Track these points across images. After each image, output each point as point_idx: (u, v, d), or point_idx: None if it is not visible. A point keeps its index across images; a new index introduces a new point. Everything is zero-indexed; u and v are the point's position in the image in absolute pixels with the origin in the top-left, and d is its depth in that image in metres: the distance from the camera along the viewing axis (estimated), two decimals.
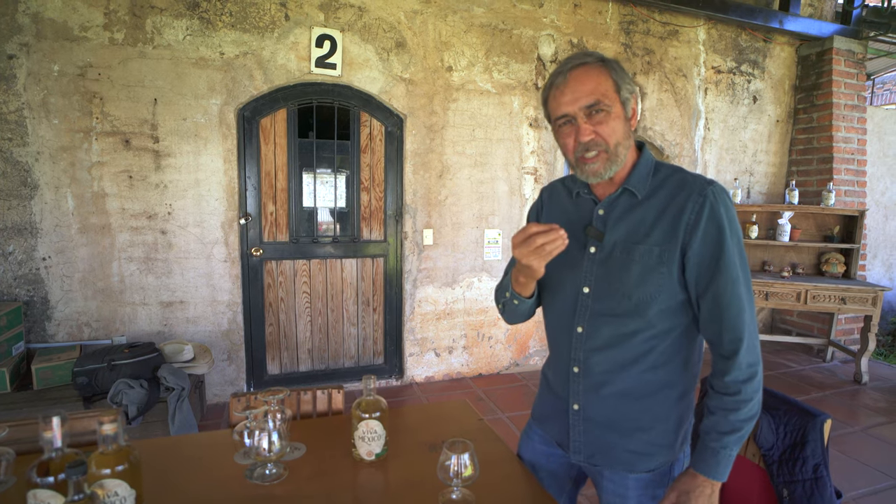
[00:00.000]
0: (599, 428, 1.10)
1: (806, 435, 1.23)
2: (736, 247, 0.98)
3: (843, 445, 2.91)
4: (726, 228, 0.97)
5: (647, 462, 1.08)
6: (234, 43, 3.04)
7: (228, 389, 3.28)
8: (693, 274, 0.99)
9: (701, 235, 0.97)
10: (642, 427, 1.07)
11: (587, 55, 1.01)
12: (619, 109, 1.00)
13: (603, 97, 0.98)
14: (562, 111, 1.01)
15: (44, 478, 0.87)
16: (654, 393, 1.06)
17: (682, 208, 0.99)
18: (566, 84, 1.00)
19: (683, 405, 1.09)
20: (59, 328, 2.92)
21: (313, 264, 3.46)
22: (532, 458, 1.26)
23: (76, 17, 2.77)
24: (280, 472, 1.14)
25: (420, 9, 3.42)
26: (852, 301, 3.82)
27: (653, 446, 1.08)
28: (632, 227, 1.04)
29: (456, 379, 3.83)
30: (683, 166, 0.97)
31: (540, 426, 1.25)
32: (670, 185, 1.03)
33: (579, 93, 0.98)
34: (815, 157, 4.55)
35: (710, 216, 0.97)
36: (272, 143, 3.27)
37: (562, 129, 1.03)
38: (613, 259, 1.04)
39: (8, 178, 2.76)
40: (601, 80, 0.98)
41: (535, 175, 3.89)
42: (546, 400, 1.23)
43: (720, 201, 0.98)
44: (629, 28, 3.99)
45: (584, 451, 1.13)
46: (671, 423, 1.08)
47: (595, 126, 0.99)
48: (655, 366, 1.04)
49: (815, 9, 4.62)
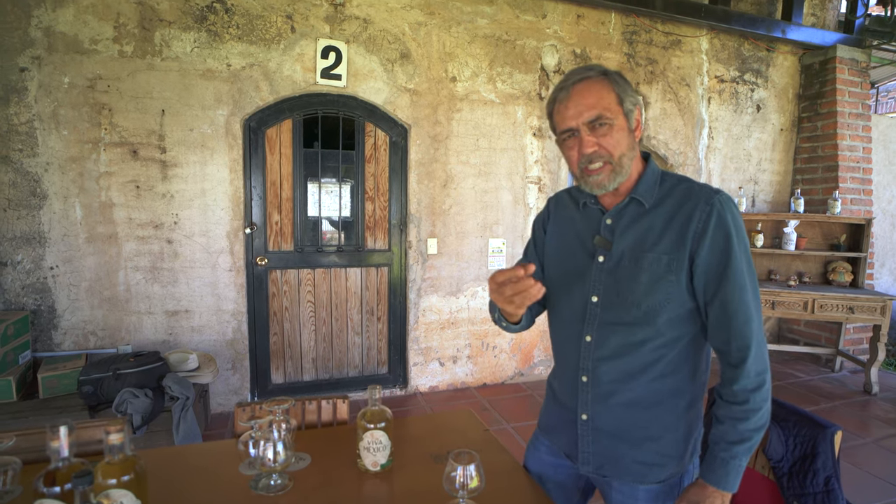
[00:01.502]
0: (608, 438, 1.09)
1: (816, 447, 1.22)
2: (743, 255, 0.98)
3: (854, 457, 2.86)
4: (733, 236, 0.97)
5: (657, 473, 1.07)
6: (240, 55, 3.08)
7: (232, 399, 3.28)
8: (701, 281, 0.99)
9: (708, 243, 0.97)
10: (651, 437, 1.06)
11: (589, 69, 1.02)
12: (622, 121, 1.01)
13: (605, 110, 0.99)
14: (565, 125, 1.02)
15: (50, 487, 0.88)
16: (662, 402, 1.05)
17: (689, 217, 0.99)
18: (569, 99, 1.01)
19: (692, 415, 1.08)
20: (66, 337, 2.93)
21: (318, 273, 3.46)
22: (539, 470, 1.25)
23: (87, 30, 2.81)
24: (285, 482, 1.13)
25: (424, 20, 3.45)
26: (860, 310, 3.78)
27: (662, 457, 1.07)
28: (640, 236, 1.04)
29: (460, 389, 3.81)
30: (687, 175, 0.97)
31: (547, 437, 1.24)
32: (677, 194, 1.04)
33: (582, 107, 0.99)
34: (820, 166, 4.54)
35: (718, 224, 0.97)
36: (277, 153, 3.29)
37: (566, 143, 1.05)
38: (622, 268, 1.04)
39: (18, 188, 2.79)
40: (603, 94, 0.99)
41: (539, 184, 3.90)
42: (553, 410, 1.22)
43: (727, 210, 0.98)
44: (632, 38, 4.02)
45: (593, 461, 1.12)
46: (680, 433, 1.07)
47: (598, 139, 1.00)
48: (664, 375, 1.04)
49: (818, 18, 4.64)
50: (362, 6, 3.29)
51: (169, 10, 2.93)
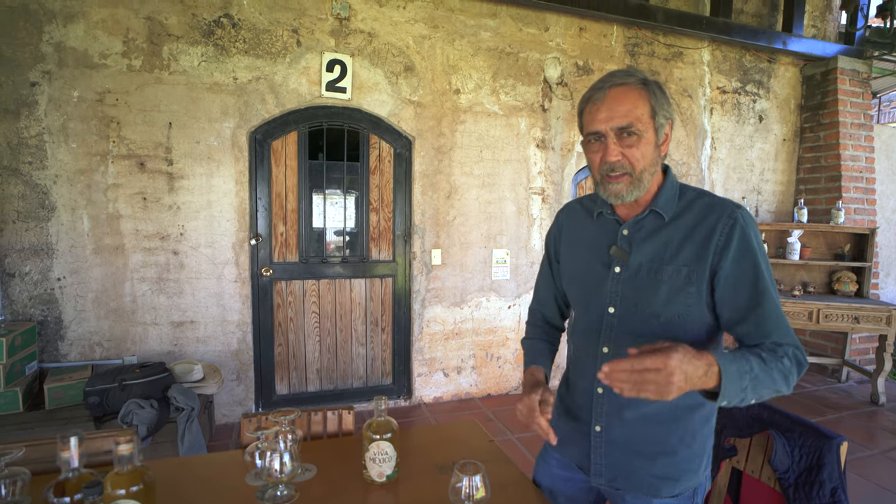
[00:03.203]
0: (622, 451, 1.09)
1: (822, 458, 1.21)
2: (767, 272, 0.98)
3: (861, 469, 2.84)
4: (757, 252, 0.97)
5: (671, 487, 1.06)
6: (247, 68, 3.12)
7: (237, 410, 3.28)
8: (726, 296, 0.98)
9: (732, 257, 0.97)
10: (666, 451, 1.06)
11: (629, 75, 1.00)
12: (651, 135, 0.99)
13: (637, 121, 0.97)
14: (594, 128, 1.00)
15: (60, 498, 0.88)
16: (678, 417, 1.05)
17: (711, 230, 0.99)
18: (603, 101, 0.99)
19: (707, 430, 1.08)
20: (72, 348, 2.95)
21: (322, 284, 3.48)
22: (550, 483, 1.24)
23: (97, 45, 2.87)
24: (291, 493, 1.14)
25: (428, 34, 3.50)
26: (866, 320, 3.76)
27: (677, 471, 1.06)
28: (658, 248, 1.03)
29: (465, 399, 3.80)
30: (690, 185, 0.98)
31: (558, 450, 1.23)
32: (698, 207, 1.03)
33: (615, 112, 0.97)
34: (823, 176, 4.55)
35: (741, 238, 0.97)
36: (283, 164, 3.33)
37: (591, 145, 1.03)
38: (640, 279, 1.04)
39: (27, 200, 2.83)
40: (639, 104, 0.97)
41: (543, 195, 3.91)
42: (565, 423, 1.21)
43: (749, 226, 0.98)
44: (634, 50, 4.06)
45: (606, 473, 1.11)
46: (695, 448, 1.06)
47: (624, 148, 0.98)
48: None
49: (819, 30, 4.68)
50: (367, 20, 3.34)
51: (177, 24, 2.99)
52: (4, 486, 0.95)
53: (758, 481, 1.35)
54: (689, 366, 0.81)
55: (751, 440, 1.37)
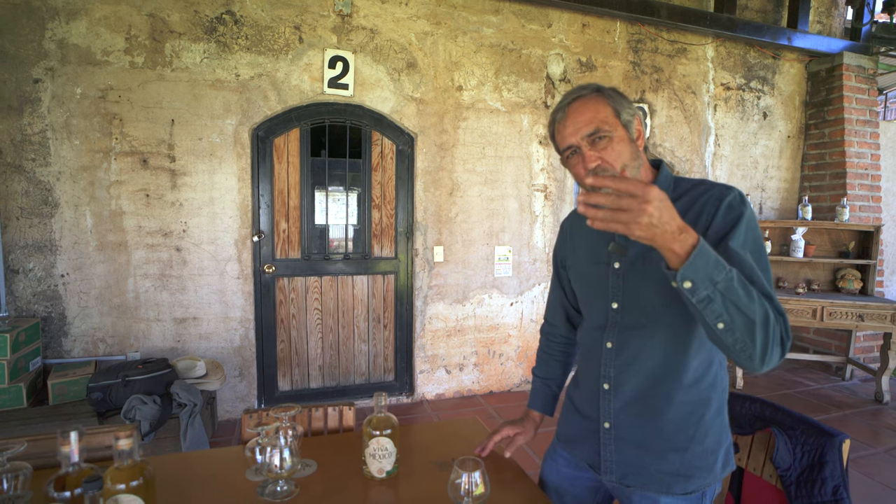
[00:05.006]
0: (631, 447, 1.08)
1: (824, 455, 1.21)
2: (752, 231, 0.94)
3: (865, 467, 2.83)
4: (744, 217, 0.94)
5: (683, 484, 1.05)
6: (249, 65, 3.12)
7: (239, 406, 3.29)
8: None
9: (718, 222, 0.95)
10: (675, 448, 1.05)
11: (583, 88, 1.05)
12: (621, 133, 1.01)
13: (602, 123, 1.00)
14: (566, 143, 1.04)
15: (61, 492, 0.89)
16: (685, 412, 1.04)
17: (701, 211, 0.99)
18: (566, 118, 1.03)
19: (718, 424, 1.07)
20: (75, 344, 2.96)
21: (325, 281, 3.48)
22: (557, 482, 1.24)
23: (99, 42, 2.87)
24: (291, 489, 1.14)
25: (430, 30, 3.49)
26: (870, 318, 3.74)
27: (690, 468, 1.04)
28: None
29: (467, 396, 3.80)
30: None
31: (567, 448, 1.23)
32: (693, 193, 1.03)
33: (579, 123, 1.01)
34: (828, 173, 4.52)
35: (728, 208, 0.96)
36: (285, 161, 3.33)
37: (570, 161, 1.06)
38: (636, 270, 1.05)
39: (30, 197, 2.84)
40: (599, 109, 1.01)
41: (546, 192, 3.90)
42: (573, 421, 1.22)
43: (740, 201, 0.98)
44: (637, 46, 4.03)
45: (616, 470, 1.10)
46: (707, 445, 1.05)
47: (600, 152, 1.00)
48: (688, 384, 1.03)
49: (824, 25, 4.64)
50: (369, 17, 3.34)
51: (179, 21, 2.99)
52: (6, 480, 0.96)
53: (759, 479, 1.34)
54: (666, 211, 0.76)
55: (753, 437, 1.37)
